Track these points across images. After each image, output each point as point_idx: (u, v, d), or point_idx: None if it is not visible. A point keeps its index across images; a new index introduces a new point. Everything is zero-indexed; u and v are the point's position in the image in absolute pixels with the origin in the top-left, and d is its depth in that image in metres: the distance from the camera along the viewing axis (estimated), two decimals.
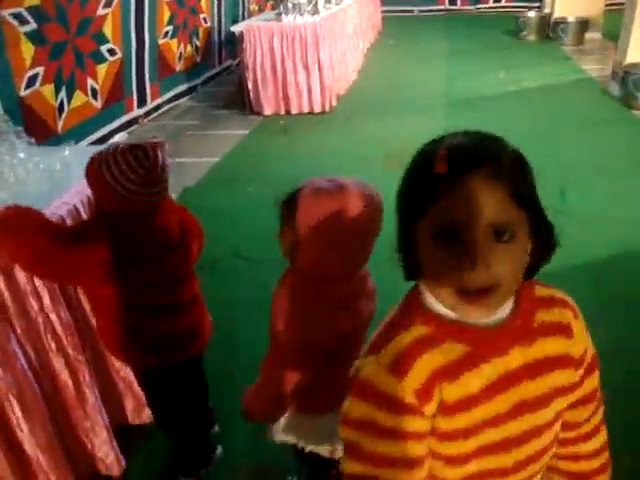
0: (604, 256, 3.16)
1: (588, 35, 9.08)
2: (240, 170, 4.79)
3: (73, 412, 1.68)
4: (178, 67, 6.53)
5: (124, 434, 1.95)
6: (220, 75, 7.91)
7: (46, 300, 1.61)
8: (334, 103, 6.17)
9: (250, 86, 5.99)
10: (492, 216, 0.70)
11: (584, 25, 8.99)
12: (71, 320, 1.68)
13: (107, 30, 4.98)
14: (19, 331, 1.50)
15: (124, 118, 5.53)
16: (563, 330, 0.85)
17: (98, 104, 5.04)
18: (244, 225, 3.71)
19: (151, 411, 1.94)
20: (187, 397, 1.85)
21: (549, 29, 9.47)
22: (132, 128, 5.71)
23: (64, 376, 1.64)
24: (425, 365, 0.78)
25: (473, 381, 0.79)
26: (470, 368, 0.79)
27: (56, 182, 1.96)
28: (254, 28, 5.74)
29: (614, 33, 9.08)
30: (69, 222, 1.72)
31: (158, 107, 6.18)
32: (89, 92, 4.86)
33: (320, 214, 1.20)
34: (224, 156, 5.03)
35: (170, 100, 6.43)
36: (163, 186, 1.56)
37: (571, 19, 9.04)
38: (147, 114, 5.98)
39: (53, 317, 1.63)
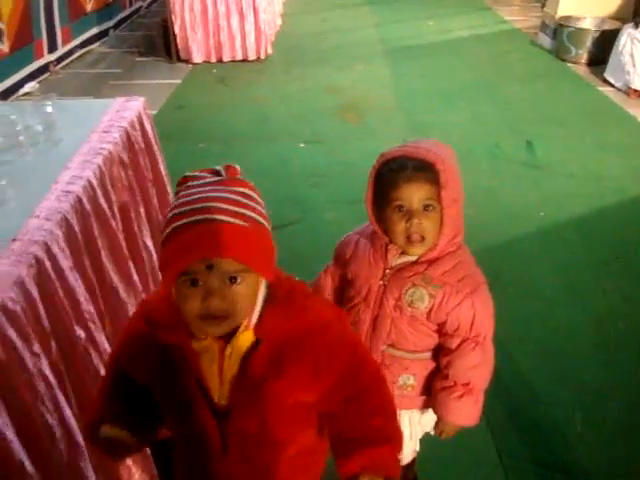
0: (592, 210, 3.16)
1: None
2: (182, 125, 4.32)
3: None
4: (89, 7, 5.74)
5: None
6: (131, 18, 7.12)
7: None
8: (270, 50, 5.75)
9: (177, 31, 5.42)
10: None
11: None
12: None
13: None
14: None
15: (34, 65, 4.78)
16: None
17: (5, 47, 4.29)
18: None
19: None
20: None
21: None
22: (43, 77, 4.98)
23: None
24: None
25: None
26: None
27: (44, 149, 1.56)
28: None
29: None
30: (87, 203, 1.34)
31: (70, 53, 5.42)
32: None
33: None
34: (161, 109, 4.50)
35: (82, 45, 5.67)
36: None
37: None
38: (58, 61, 5.23)
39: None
